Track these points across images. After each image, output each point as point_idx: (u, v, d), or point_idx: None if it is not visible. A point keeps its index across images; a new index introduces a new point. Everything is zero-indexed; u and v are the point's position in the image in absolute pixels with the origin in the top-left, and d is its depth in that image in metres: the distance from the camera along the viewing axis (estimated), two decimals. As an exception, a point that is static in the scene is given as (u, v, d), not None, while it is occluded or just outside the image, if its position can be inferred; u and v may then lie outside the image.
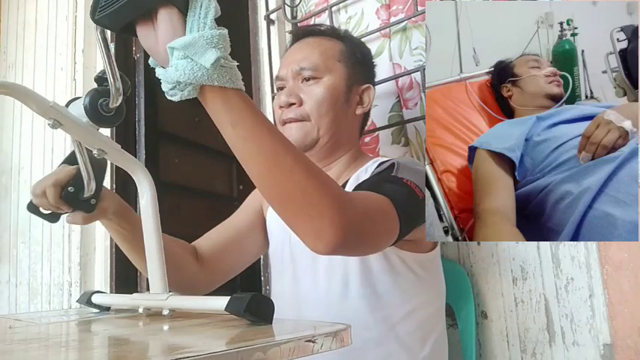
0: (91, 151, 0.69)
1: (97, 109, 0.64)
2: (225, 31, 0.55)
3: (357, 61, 0.96)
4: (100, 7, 0.56)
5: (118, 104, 0.65)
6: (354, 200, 0.63)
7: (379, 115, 1.29)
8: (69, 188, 0.75)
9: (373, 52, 1.29)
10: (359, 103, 0.95)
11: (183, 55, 0.53)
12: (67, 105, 0.68)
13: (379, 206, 0.67)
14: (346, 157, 0.94)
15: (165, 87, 0.56)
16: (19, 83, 0.63)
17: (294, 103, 0.90)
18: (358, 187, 0.78)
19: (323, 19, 1.41)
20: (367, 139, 1.31)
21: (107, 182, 2.07)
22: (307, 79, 0.91)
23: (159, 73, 0.57)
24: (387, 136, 1.27)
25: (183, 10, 0.55)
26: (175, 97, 0.56)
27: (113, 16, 0.56)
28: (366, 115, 0.99)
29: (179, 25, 0.54)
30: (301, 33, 1.00)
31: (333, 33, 0.99)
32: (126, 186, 1.98)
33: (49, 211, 0.78)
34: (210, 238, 0.98)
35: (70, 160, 0.78)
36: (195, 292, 0.91)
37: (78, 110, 0.65)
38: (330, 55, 0.93)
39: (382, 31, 1.29)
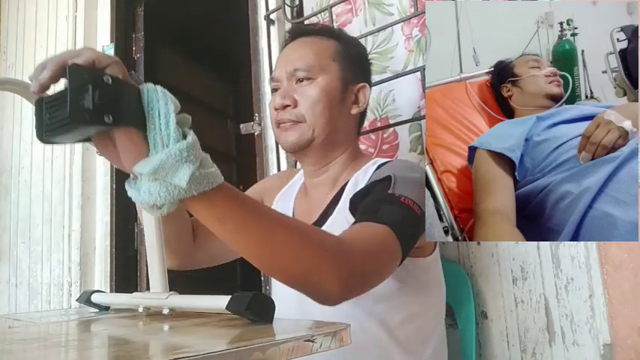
0: None
1: None
2: (192, 136, 0.50)
3: (352, 60, 0.94)
4: (46, 129, 0.49)
5: None
6: (353, 247, 0.63)
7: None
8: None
9: (401, 66, 1.29)
10: (354, 102, 0.94)
11: (153, 178, 0.49)
12: None
13: (380, 241, 0.67)
14: (343, 157, 0.93)
15: (141, 205, 0.52)
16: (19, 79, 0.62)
17: (288, 105, 0.88)
18: (354, 206, 0.78)
19: (352, 27, 1.38)
20: (385, 147, 1.30)
21: (107, 181, 2.07)
22: (301, 80, 0.89)
23: (131, 194, 0.52)
24: (405, 143, 1.27)
25: (141, 126, 0.50)
26: (155, 214, 0.54)
27: (62, 137, 0.50)
28: (362, 115, 0.98)
29: (140, 142, 0.50)
30: (295, 32, 0.98)
31: (327, 32, 0.97)
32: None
33: None
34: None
35: None
36: (181, 265, 0.93)
37: None
38: (325, 54, 0.91)
39: (407, 46, 1.29)
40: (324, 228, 0.85)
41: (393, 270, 0.71)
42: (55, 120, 0.47)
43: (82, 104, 0.45)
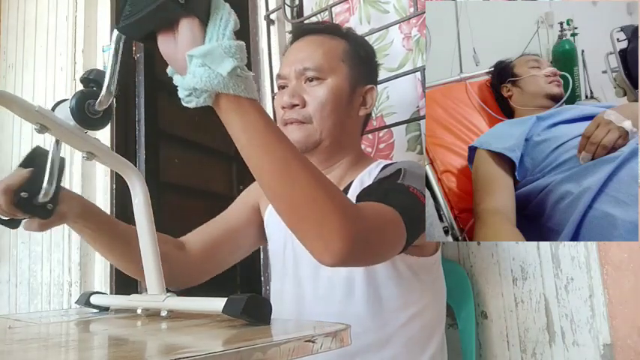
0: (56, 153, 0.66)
1: (83, 111, 0.62)
2: (243, 43, 0.57)
3: (361, 61, 0.94)
4: (124, 16, 0.57)
5: (106, 106, 0.63)
6: (362, 211, 0.63)
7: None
8: (22, 194, 0.71)
9: (397, 64, 1.29)
10: (362, 104, 0.93)
11: (201, 63, 0.55)
12: (54, 108, 0.66)
13: (387, 217, 0.67)
14: (348, 159, 0.93)
15: (181, 94, 0.58)
16: (1, 89, 0.61)
17: (297, 104, 0.88)
18: (364, 193, 0.77)
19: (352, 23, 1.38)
20: (382, 146, 1.30)
21: (107, 181, 2.07)
22: (310, 80, 0.89)
23: (176, 80, 0.58)
24: (403, 143, 1.27)
25: (204, 21, 0.57)
26: (191, 104, 0.57)
27: (136, 25, 0.57)
28: (367, 116, 0.97)
29: (199, 34, 0.56)
30: (303, 30, 0.97)
31: (335, 31, 0.96)
32: (126, 187, 1.98)
33: (7, 218, 0.73)
34: (201, 232, 0.97)
35: (26, 162, 0.75)
36: (184, 283, 0.91)
37: (64, 113, 0.63)
38: (334, 54, 0.90)
39: (405, 45, 1.29)
40: None
41: (395, 252, 0.71)
42: (137, 7, 0.56)
43: None
